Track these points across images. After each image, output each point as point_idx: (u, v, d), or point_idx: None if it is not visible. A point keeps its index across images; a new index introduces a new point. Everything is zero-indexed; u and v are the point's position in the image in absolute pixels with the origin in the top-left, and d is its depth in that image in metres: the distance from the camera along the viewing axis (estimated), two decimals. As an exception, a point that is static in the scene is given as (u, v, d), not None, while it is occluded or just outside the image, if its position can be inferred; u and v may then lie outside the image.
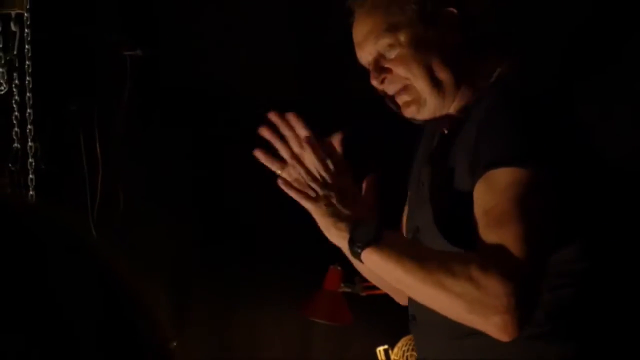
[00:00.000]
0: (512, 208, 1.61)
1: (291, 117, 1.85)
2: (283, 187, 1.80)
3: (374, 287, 2.93)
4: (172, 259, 3.30)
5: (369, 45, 1.84)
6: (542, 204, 1.63)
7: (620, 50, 3.19)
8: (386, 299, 2.16)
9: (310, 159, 1.78)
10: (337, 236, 1.73)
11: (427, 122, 1.90)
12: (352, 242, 1.70)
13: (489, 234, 1.61)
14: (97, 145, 3.01)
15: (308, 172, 1.78)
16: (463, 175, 1.73)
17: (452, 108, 1.84)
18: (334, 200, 1.73)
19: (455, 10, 1.81)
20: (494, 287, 1.55)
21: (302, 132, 1.82)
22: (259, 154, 1.87)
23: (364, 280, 3.10)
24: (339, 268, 3.13)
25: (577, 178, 1.71)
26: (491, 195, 1.63)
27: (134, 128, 3.21)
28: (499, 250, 1.58)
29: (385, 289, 2.08)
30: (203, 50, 3.38)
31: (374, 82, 1.85)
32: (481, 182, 1.65)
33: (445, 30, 1.81)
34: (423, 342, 1.91)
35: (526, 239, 1.58)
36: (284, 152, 1.83)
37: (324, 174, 1.76)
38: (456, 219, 1.76)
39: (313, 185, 1.76)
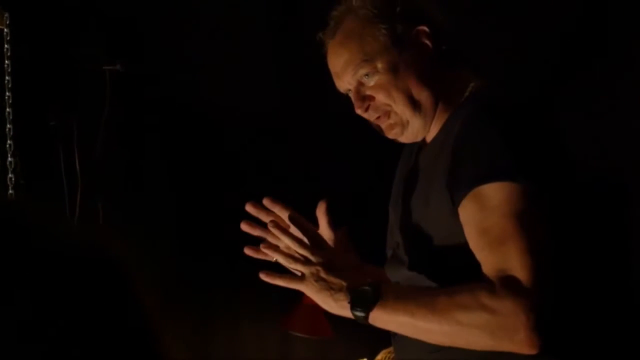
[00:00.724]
0: (510, 224, 1.61)
1: (267, 203, 1.87)
2: (266, 279, 1.82)
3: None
4: (152, 274, 3.31)
5: (347, 76, 1.86)
6: (537, 216, 1.64)
7: (596, 60, 3.23)
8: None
9: (286, 241, 1.78)
10: (339, 307, 1.73)
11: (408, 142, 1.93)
12: (355, 310, 1.70)
13: (492, 254, 1.62)
14: (77, 161, 3.01)
15: (287, 255, 1.78)
16: (441, 190, 1.74)
17: (431, 124, 1.87)
18: (322, 275, 1.73)
19: (425, 28, 1.84)
20: (509, 308, 1.57)
21: (283, 213, 1.84)
22: (249, 251, 1.89)
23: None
24: (318, 282, 3.13)
25: (557, 190, 1.72)
26: (484, 213, 1.63)
27: (113, 143, 3.21)
28: (506, 269, 1.59)
29: None
30: (183, 65, 3.39)
31: (358, 111, 1.87)
32: (469, 200, 1.65)
33: (419, 49, 1.84)
34: (405, 355, 1.92)
35: (531, 254, 1.60)
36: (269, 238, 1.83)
37: (302, 252, 1.76)
38: (434, 233, 1.77)
39: (296, 266, 1.77)
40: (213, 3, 3.43)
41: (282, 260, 1.79)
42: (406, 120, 1.84)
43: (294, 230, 1.81)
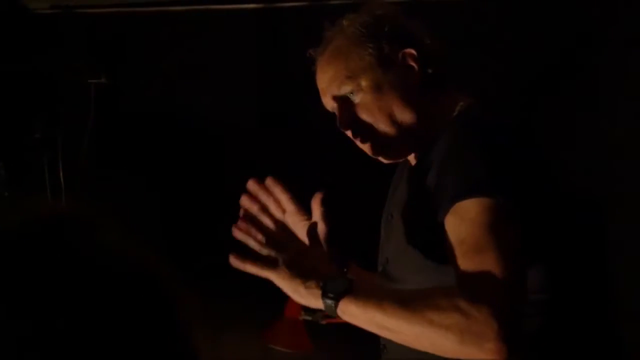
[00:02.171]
0: (486, 235, 1.63)
1: (270, 182, 1.86)
2: (237, 264, 1.80)
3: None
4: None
5: (330, 91, 1.88)
6: (512, 230, 1.66)
7: (580, 75, 3.27)
8: (346, 327, 2.19)
9: (268, 224, 1.78)
10: (308, 295, 1.70)
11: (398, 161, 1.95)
12: (325, 297, 1.68)
13: (468, 262, 1.62)
14: (61, 173, 3.01)
15: (265, 240, 1.77)
16: (428, 207, 1.76)
17: (418, 146, 1.89)
18: (296, 261, 1.73)
19: (412, 51, 1.86)
20: (483, 315, 1.56)
21: (282, 196, 1.83)
22: (237, 233, 1.86)
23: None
24: (299, 296, 3.15)
25: (537, 206, 1.74)
26: (463, 225, 1.65)
27: (98, 156, 3.22)
28: (480, 277, 1.60)
29: None
30: (167, 78, 3.41)
31: (341, 129, 1.89)
32: (450, 215, 1.68)
33: (404, 70, 1.86)
34: None
35: (505, 263, 1.60)
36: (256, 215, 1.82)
37: (280, 238, 1.77)
38: (422, 250, 1.79)
39: (270, 252, 1.76)
40: (198, 17, 3.45)
41: (256, 245, 1.78)
42: (388, 141, 1.86)
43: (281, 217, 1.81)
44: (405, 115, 1.84)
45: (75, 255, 0.65)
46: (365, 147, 1.90)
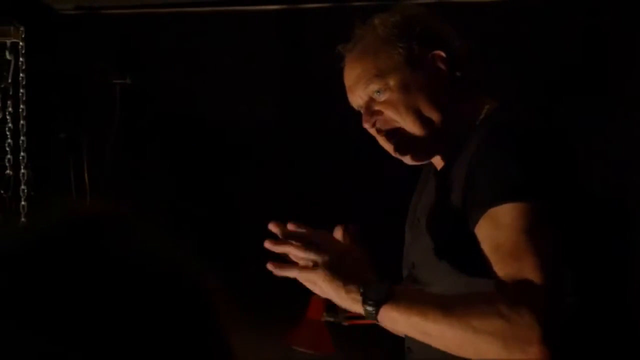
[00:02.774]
0: (523, 240, 1.62)
1: (292, 227, 1.80)
2: (275, 270, 1.77)
3: (357, 317, 2.96)
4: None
5: (359, 90, 1.87)
6: (549, 233, 1.66)
7: (608, 81, 3.26)
8: (368, 329, 2.19)
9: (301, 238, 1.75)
10: (349, 299, 1.68)
11: (422, 164, 1.94)
12: (366, 303, 1.65)
13: (506, 268, 1.62)
14: (85, 174, 3.04)
15: (300, 246, 1.73)
16: (456, 211, 1.75)
17: (444, 147, 1.88)
18: (336, 264, 1.69)
19: (442, 53, 1.86)
20: (526, 320, 1.56)
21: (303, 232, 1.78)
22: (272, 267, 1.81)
23: (347, 309, 3.13)
24: (321, 297, 3.15)
25: (568, 209, 1.74)
26: (498, 231, 1.65)
27: (122, 156, 3.24)
28: (520, 282, 1.60)
29: None
30: (192, 79, 3.42)
31: (366, 125, 1.88)
32: (484, 221, 1.67)
33: (433, 71, 1.85)
34: None
35: (544, 268, 1.60)
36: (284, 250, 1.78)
37: (316, 241, 1.73)
38: (450, 254, 1.78)
39: (309, 255, 1.72)
40: (222, 19, 3.46)
41: (294, 250, 1.73)
42: (413, 140, 1.85)
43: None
44: (432, 116, 1.84)
45: (110, 255, 0.66)
46: (390, 147, 1.89)
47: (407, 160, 1.89)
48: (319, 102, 3.40)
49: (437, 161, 1.92)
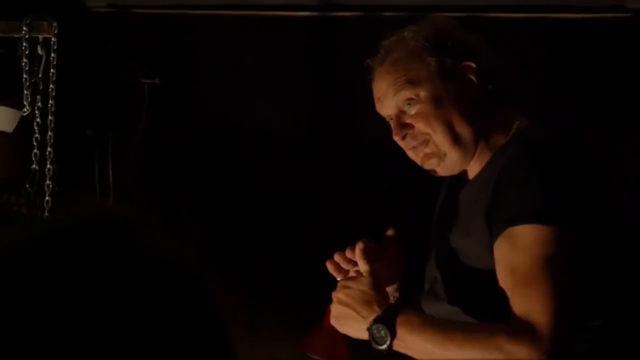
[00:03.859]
0: (538, 267, 1.63)
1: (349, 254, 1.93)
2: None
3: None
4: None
5: (388, 99, 1.87)
6: (566, 262, 1.65)
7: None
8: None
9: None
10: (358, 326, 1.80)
11: (447, 176, 1.94)
12: (377, 330, 1.74)
13: (517, 295, 1.63)
14: (110, 171, 3.05)
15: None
16: (480, 228, 1.74)
17: (472, 162, 1.87)
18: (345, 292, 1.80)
19: (473, 64, 1.85)
20: (523, 354, 1.58)
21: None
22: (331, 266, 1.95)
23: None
24: (338, 306, 3.15)
25: (593, 235, 1.73)
26: (515, 253, 1.65)
27: (148, 156, 3.25)
28: (528, 311, 1.61)
29: None
30: (219, 81, 3.43)
31: (396, 138, 1.88)
32: (503, 239, 1.67)
33: (464, 84, 1.84)
34: None
35: (554, 299, 1.61)
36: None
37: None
38: (473, 270, 1.78)
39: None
40: (251, 23, 3.47)
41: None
42: (444, 152, 1.84)
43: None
44: (462, 129, 1.83)
45: (124, 257, 0.66)
46: (418, 158, 1.88)
47: (436, 172, 1.89)
48: (347, 111, 3.40)
49: (465, 175, 1.92)
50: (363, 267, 1.78)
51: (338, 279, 1.94)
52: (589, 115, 3.23)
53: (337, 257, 1.91)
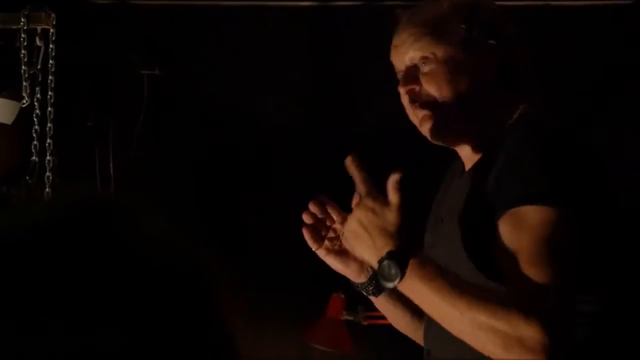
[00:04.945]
0: (543, 247, 1.60)
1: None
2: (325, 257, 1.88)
3: (376, 317, 2.96)
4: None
5: (404, 48, 1.81)
6: (570, 243, 1.64)
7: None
8: (387, 328, 2.18)
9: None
10: (374, 254, 1.68)
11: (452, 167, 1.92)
12: (392, 257, 1.66)
13: (522, 274, 1.60)
14: (111, 162, 3.04)
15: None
16: (485, 214, 1.73)
17: (475, 144, 1.85)
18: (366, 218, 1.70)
19: (499, 45, 1.82)
20: (533, 331, 1.55)
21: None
22: (306, 233, 1.90)
23: (366, 309, 3.14)
24: (342, 296, 3.15)
25: (595, 218, 1.71)
26: (519, 233, 1.63)
27: (148, 146, 3.24)
28: (534, 291, 1.59)
29: (399, 327, 2.05)
30: (219, 72, 3.42)
31: (402, 90, 1.83)
32: (506, 219, 1.65)
33: (483, 60, 1.81)
34: None
35: (560, 278, 1.59)
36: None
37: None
38: (477, 255, 1.76)
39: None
40: (252, 13, 3.46)
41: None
42: (445, 119, 1.81)
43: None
44: (470, 102, 1.80)
45: (120, 244, 0.65)
46: (420, 116, 1.83)
47: (431, 136, 1.84)
48: (347, 100, 3.39)
49: (465, 160, 1.90)
50: (394, 197, 1.73)
51: (313, 248, 1.90)
52: (589, 102, 3.22)
53: (312, 208, 1.88)
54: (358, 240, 1.71)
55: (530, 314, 1.56)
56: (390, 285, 1.67)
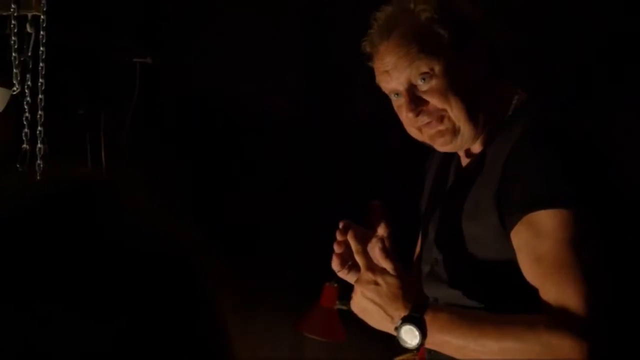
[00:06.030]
0: (565, 252, 1.59)
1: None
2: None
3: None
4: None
5: (398, 72, 1.79)
6: (592, 244, 1.62)
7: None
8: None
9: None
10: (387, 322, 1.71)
11: (436, 153, 1.90)
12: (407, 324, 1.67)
13: (548, 283, 1.59)
14: (102, 151, 3.03)
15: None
16: (489, 209, 1.70)
17: (475, 136, 1.83)
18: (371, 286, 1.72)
19: (481, 38, 1.80)
20: (566, 348, 1.54)
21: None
22: (335, 261, 1.88)
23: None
24: (335, 285, 3.14)
25: (608, 215, 1.69)
26: (539, 240, 1.61)
27: (139, 135, 3.22)
28: (563, 300, 1.57)
29: None
30: (213, 60, 3.40)
31: (410, 115, 1.79)
32: (523, 225, 1.63)
33: (474, 57, 1.80)
34: None
35: (588, 282, 1.57)
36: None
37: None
38: (479, 252, 1.74)
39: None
40: (246, 1, 3.44)
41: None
42: (459, 127, 1.79)
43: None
44: (476, 102, 1.78)
45: (104, 219, 0.64)
46: (427, 135, 1.82)
47: (446, 147, 1.83)
48: (341, 86, 3.38)
49: (462, 155, 1.88)
50: (388, 265, 1.73)
51: (336, 271, 1.89)
52: (587, 84, 3.21)
53: (340, 237, 1.85)
54: (369, 315, 1.72)
55: (558, 331, 1.54)
56: (414, 346, 1.66)
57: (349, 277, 1.89)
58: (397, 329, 1.67)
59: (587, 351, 1.53)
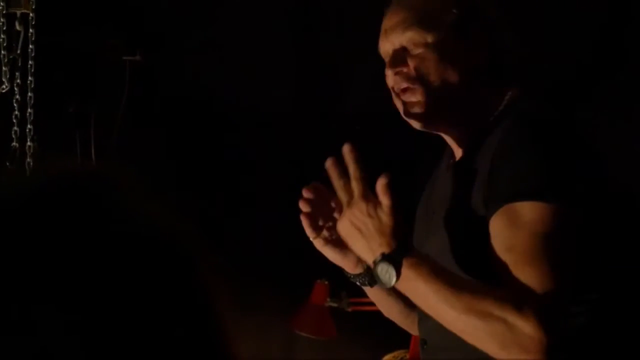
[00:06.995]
0: (538, 245, 1.59)
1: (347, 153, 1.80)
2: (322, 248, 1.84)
3: (360, 303, 2.96)
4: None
5: (395, 33, 1.79)
6: (566, 241, 1.62)
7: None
8: (371, 315, 2.17)
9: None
10: (370, 253, 1.68)
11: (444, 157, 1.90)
12: (393, 255, 1.65)
13: (517, 272, 1.59)
14: (92, 149, 3.02)
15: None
16: (477, 205, 1.71)
17: (463, 132, 1.82)
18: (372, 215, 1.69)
19: (489, 32, 1.80)
20: (529, 330, 1.55)
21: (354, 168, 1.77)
22: (304, 221, 1.85)
23: (350, 295, 3.13)
24: (325, 283, 3.15)
25: (593, 210, 1.69)
26: (514, 230, 1.61)
27: (129, 133, 3.22)
28: (530, 288, 1.58)
29: (391, 317, 2.03)
30: (202, 58, 3.40)
31: (388, 72, 1.80)
32: (500, 215, 1.63)
33: (473, 47, 1.79)
34: None
35: (556, 276, 1.58)
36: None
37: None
38: (470, 248, 1.74)
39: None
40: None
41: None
42: (429, 105, 1.78)
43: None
44: (459, 89, 1.77)
45: (97, 211, 0.64)
46: (404, 99, 1.80)
47: (414, 121, 1.82)
48: (332, 83, 3.38)
49: (455, 150, 1.87)
50: (385, 199, 1.71)
51: (311, 238, 1.87)
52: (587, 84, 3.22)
53: (307, 194, 1.84)
54: (353, 241, 1.70)
55: (525, 313, 1.56)
56: (386, 286, 1.66)
57: (326, 250, 1.86)
58: (375, 263, 1.66)
59: (546, 337, 1.55)
